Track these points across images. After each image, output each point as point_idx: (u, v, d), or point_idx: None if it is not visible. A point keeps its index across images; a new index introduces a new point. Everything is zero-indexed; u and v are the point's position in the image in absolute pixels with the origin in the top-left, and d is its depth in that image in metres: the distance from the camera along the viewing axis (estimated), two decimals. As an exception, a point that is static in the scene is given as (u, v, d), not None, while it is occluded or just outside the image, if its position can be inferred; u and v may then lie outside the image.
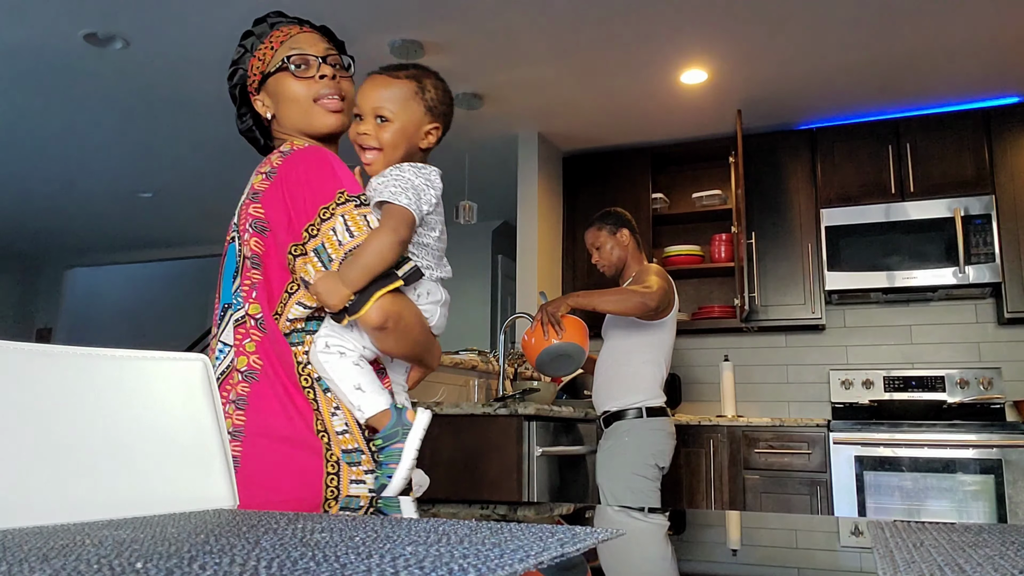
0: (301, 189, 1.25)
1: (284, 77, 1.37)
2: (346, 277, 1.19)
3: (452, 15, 3.28)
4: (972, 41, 3.47)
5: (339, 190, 1.25)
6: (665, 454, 2.80)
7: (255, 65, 1.41)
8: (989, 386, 4.01)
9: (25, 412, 0.91)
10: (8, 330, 7.90)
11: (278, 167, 1.30)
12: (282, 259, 1.26)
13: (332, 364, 1.25)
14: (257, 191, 1.30)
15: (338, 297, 1.19)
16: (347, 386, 1.25)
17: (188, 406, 1.07)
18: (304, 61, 1.37)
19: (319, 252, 1.22)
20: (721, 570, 0.65)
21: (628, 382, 2.82)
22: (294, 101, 1.37)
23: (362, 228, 1.23)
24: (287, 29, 1.42)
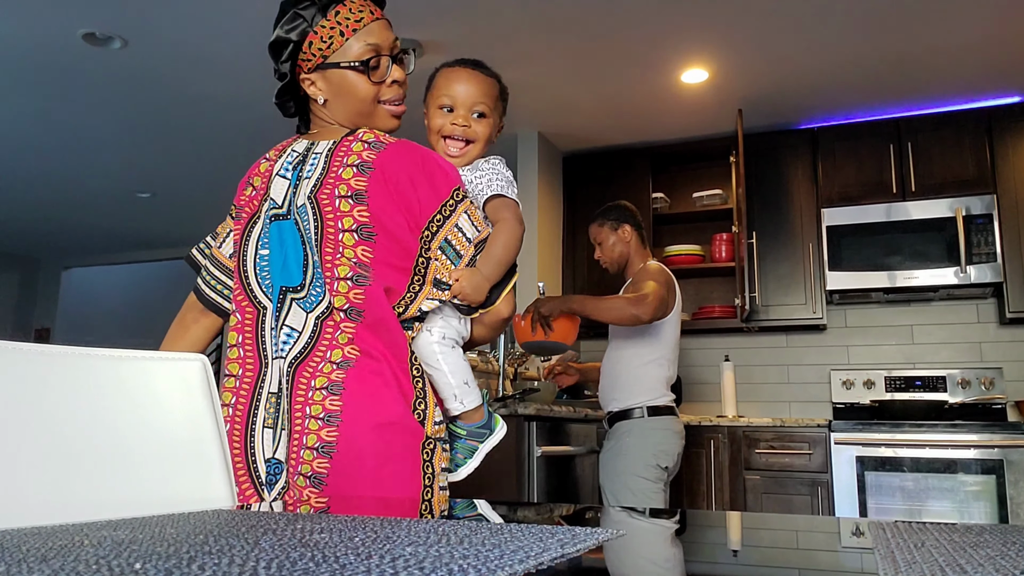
0: (413, 191, 1.24)
1: (357, 75, 1.30)
2: (488, 271, 1.25)
3: (452, 15, 3.28)
4: (973, 41, 3.47)
5: (454, 187, 1.27)
6: (669, 454, 2.76)
7: (315, 44, 1.31)
8: (990, 386, 4.01)
9: (24, 412, 0.90)
10: (6, 330, 7.90)
11: (373, 162, 1.26)
12: (398, 262, 1.24)
13: (447, 356, 1.29)
14: (357, 191, 1.23)
15: (484, 293, 1.25)
16: (458, 379, 1.30)
17: (187, 406, 1.07)
18: (378, 63, 1.31)
19: (444, 249, 1.25)
20: (722, 571, 0.65)
21: (631, 382, 2.80)
22: (360, 100, 1.32)
23: (482, 222, 1.29)
24: (356, 9, 1.30)
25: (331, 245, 1.24)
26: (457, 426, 1.34)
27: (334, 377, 1.23)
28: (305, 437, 1.22)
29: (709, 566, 0.67)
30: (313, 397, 1.23)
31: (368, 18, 1.31)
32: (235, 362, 1.33)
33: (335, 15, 1.30)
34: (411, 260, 1.25)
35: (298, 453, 1.22)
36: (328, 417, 1.21)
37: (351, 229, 1.23)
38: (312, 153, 1.33)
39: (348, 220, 1.23)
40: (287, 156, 1.37)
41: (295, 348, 1.26)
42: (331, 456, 1.20)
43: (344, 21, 1.29)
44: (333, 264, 1.24)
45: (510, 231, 1.30)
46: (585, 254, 4.66)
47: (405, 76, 1.37)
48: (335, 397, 1.22)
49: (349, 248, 1.23)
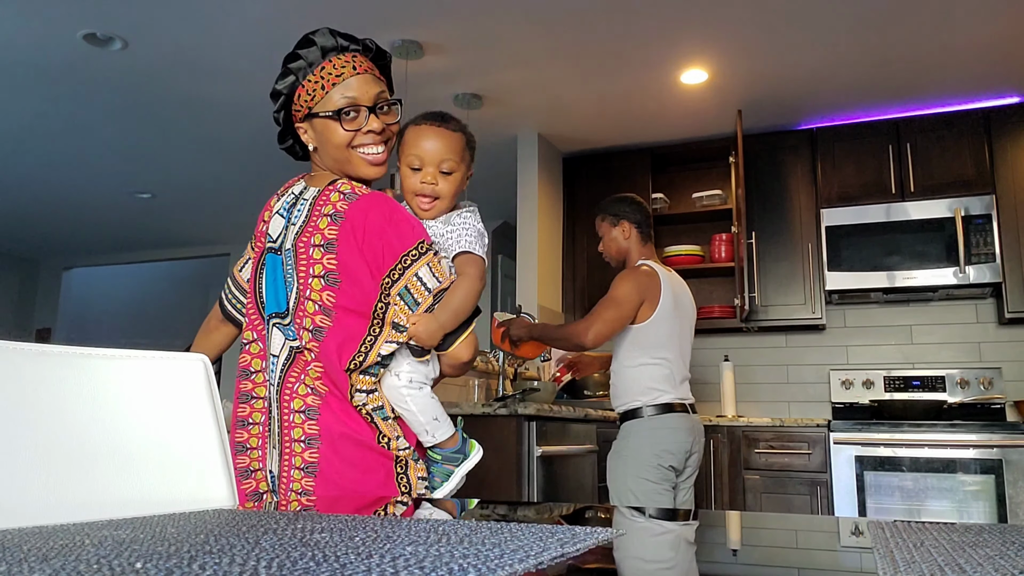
0: (379, 240, 1.34)
1: (332, 123, 1.42)
2: (442, 321, 1.36)
3: (452, 15, 3.28)
4: (972, 41, 3.47)
5: (419, 240, 1.37)
6: (673, 453, 2.71)
7: (302, 96, 1.44)
8: (989, 386, 4.01)
9: (24, 412, 0.91)
10: (7, 330, 7.90)
11: (345, 212, 1.36)
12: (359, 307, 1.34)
13: (415, 397, 1.40)
14: (329, 240, 1.35)
15: (436, 339, 1.36)
16: (427, 417, 1.41)
17: (188, 406, 1.07)
18: (354, 110, 1.41)
19: (403, 296, 1.35)
20: (721, 570, 0.65)
21: (628, 383, 2.80)
22: (335, 147, 1.43)
23: (444, 274, 1.39)
24: (340, 65, 1.42)
25: (304, 290, 1.37)
26: (433, 451, 1.45)
27: (309, 402, 1.37)
28: (293, 458, 1.36)
29: (709, 566, 0.68)
30: (294, 420, 1.37)
31: (349, 73, 1.42)
32: (262, 386, 1.46)
33: (320, 70, 1.42)
34: (371, 305, 1.35)
35: (288, 472, 1.36)
36: (308, 440, 1.36)
37: (319, 275, 1.36)
38: (302, 199, 1.45)
39: (318, 267, 1.36)
40: (286, 196, 1.50)
41: (276, 373, 1.40)
42: (315, 475, 1.34)
43: (327, 76, 1.42)
44: (302, 309, 1.37)
45: (470, 285, 1.41)
46: (585, 254, 4.67)
47: (383, 126, 1.44)
48: (312, 421, 1.36)
49: (316, 292, 1.35)
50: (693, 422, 2.79)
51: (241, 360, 1.49)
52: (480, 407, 2.77)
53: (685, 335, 2.86)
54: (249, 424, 1.44)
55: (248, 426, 1.44)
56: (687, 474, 2.80)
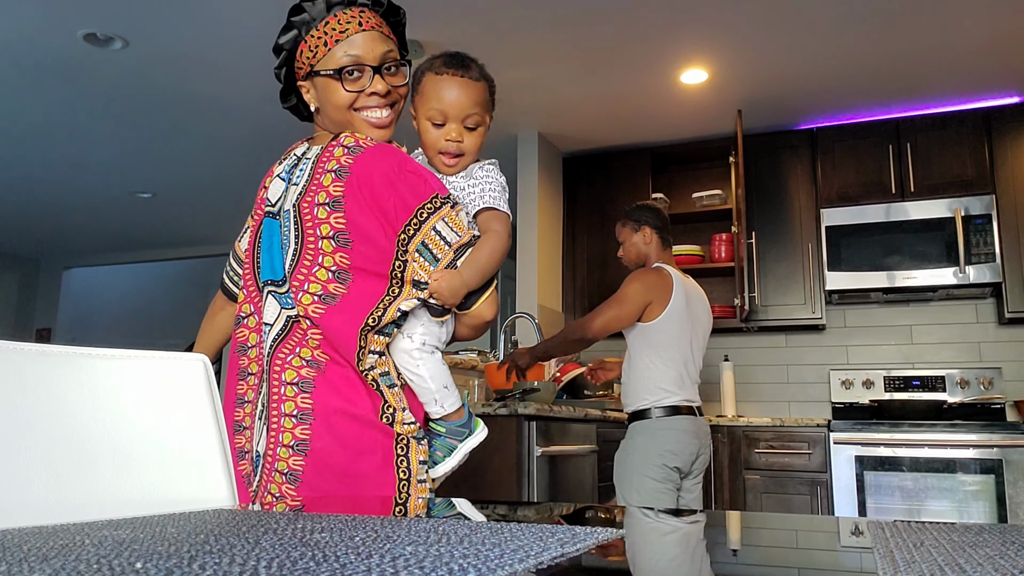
0: (389, 194, 1.25)
1: (334, 83, 1.33)
2: (467, 277, 1.27)
3: (452, 15, 3.28)
4: (972, 41, 3.47)
5: (433, 192, 1.28)
6: (678, 454, 2.73)
7: (304, 52, 1.35)
8: (989, 386, 4.01)
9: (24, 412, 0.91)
10: (7, 330, 7.90)
11: (350, 167, 1.27)
12: (375, 267, 1.25)
13: (426, 362, 1.31)
14: (335, 198, 1.26)
15: (460, 296, 1.27)
16: (437, 384, 1.32)
17: (188, 406, 1.07)
18: (358, 70, 1.32)
19: (421, 252, 1.25)
20: (721, 570, 0.65)
21: (637, 383, 2.81)
22: (336, 107, 1.35)
23: (463, 228, 1.29)
24: (344, 20, 1.33)
25: (311, 254, 1.27)
26: (437, 424, 1.37)
27: (304, 374, 1.27)
28: (281, 435, 1.26)
29: (708, 565, 0.68)
30: (285, 393, 1.26)
31: (354, 29, 1.32)
32: (254, 361, 1.37)
33: (324, 25, 1.33)
34: (388, 264, 1.26)
35: (274, 451, 1.26)
36: (300, 415, 1.25)
37: (328, 236, 1.26)
38: (304, 158, 1.37)
39: (325, 227, 1.26)
40: (288, 160, 1.42)
41: (268, 342, 1.30)
42: (305, 454, 1.24)
43: (330, 32, 1.32)
44: (309, 273, 1.27)
45: (497, 241, 1.32)
46: (585, 254, 4.67)
47: (389, 88, 1.35)
48: (306, 395, 1.25)
49: (328, 255, 1.26)
50: (699, 425, 2.81)
51: (238, 335, 1.39)
52: (480, 407, 2.77)
53: (697, 339, 2.88)
54: (244, 402, 1.36)
55: (243, 404, 1.36)
56: (694, 476, 2.82)
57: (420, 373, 1.31)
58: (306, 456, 1.24)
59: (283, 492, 1.24)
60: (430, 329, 1.33)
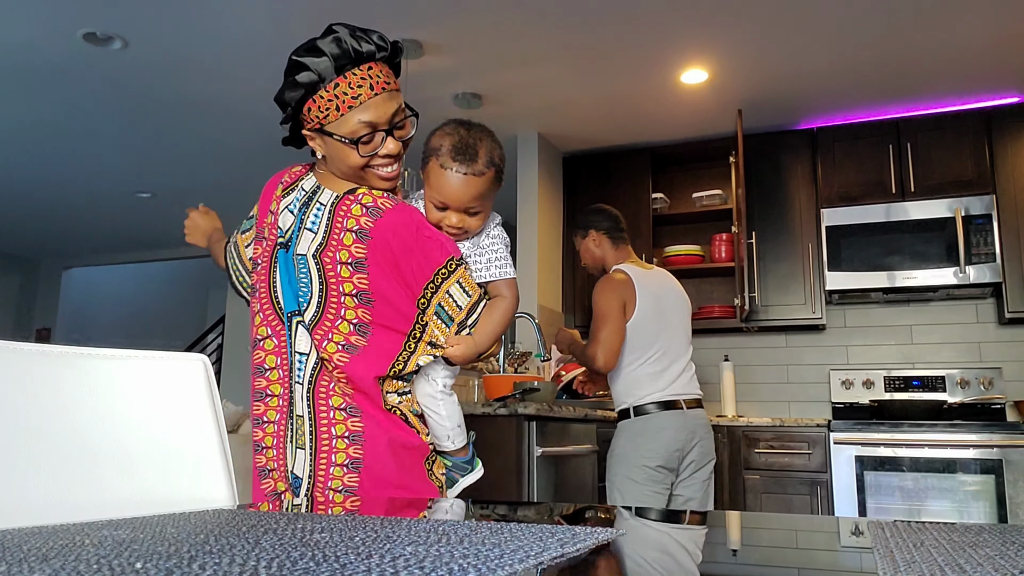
0: (408, 261, 1.34)
1: (347, 148, 1.35)
2: (480, 343, 1.41)
3: (452, 15, 3.28)
4: (972, 41, 3.47)
5: (448, 256, 1.39)
6: (658, 452, 2.68)
7: (313, 111, 1.34)
8: (990, 386, 4.01)
9: (24, 412, 0.91)
10: (7, 330, 7.90)
11: (371, 231, 1.34)
12: (395, 325, 1.36)
13: (446, 403, 1.46)
14: (358, 260, 1.33)
15: (471, 359, 1.43)
16: (452, 423, 1.46)
17: (188, 406, 1.07)
18: (371, 136, 1.35)
19: (439, 314, 1.38)
20: (721, 570, 0.65)
21: (619, 385, 2.81)
22: (349, 168, 1.38)
23: (475, 288, 1.42)
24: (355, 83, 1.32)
25: (333, 307, 1.36)
26: (445, 457, 1.50)
27: (348, 400, 1.37)
28: (334, 455, 1.35)
29: (709, 566, 0.68)
30: (335, 417, 1.36)
31: (367, 95, 1.33)
32: (277, 383, 1.42)
33: (334, 87, 1.32)
34: (408, 325, 1.37)
35: (327, 470, 1.35)
36: (352, 437, 1.36)
37: (351, 294, 1.35)
38: (317, 202, 1.40)
39: (348, 286, 1.35)
40: (296, 193, 1.44)
41: (307, 371, 1.38)
42: (359, 471, 1.35)
43: (342, 96, 1.32)
44: (332, 326, 1.36)
45: (507, 309, 1.46)
46: (585, 254, 4.67)
47: (399, 148, 1.41)
48: (356, 419, 1.36)
49: (351, 310, 1.35)
50: (687, 419, 2.73)
51: (255, 357, 1.44)
52: (480, 407, 2.77)
53: (676, 330, 2.83)
54: (264, 423, 1.42)
55: (263, 424, 1.41)
56: (688, 472, 2.77)
57: (440, 412, 1.45)
58: (360, 472, 1.35)
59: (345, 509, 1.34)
60: (449, 371, 1.46)
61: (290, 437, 1.39)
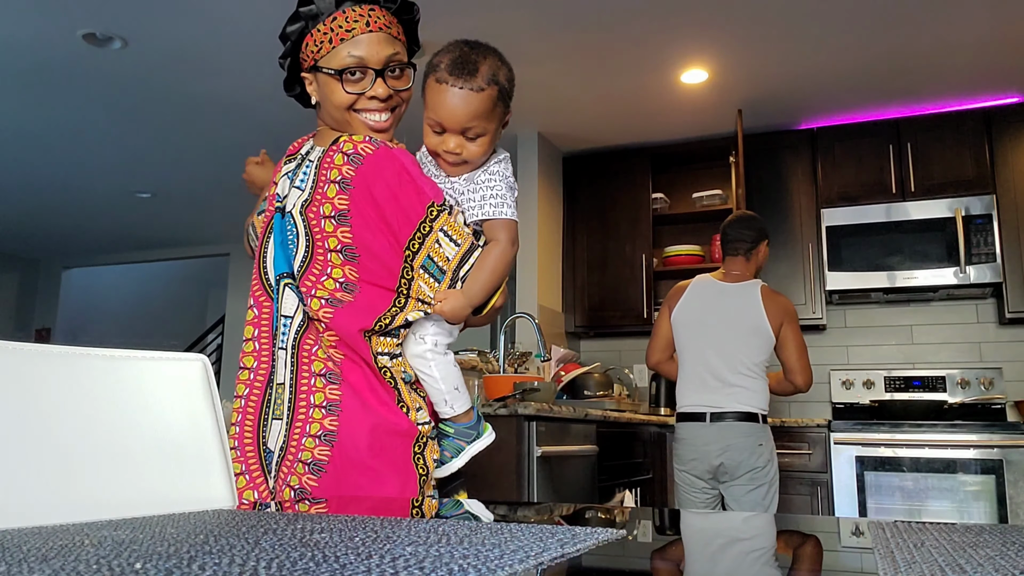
0: (391, 207, 1.26)
1: (334, 82, 1.32)
2: (471, 296, 1.29)
3: (452, 15, 3.28)
4: (972, 41, 3.47)
5: (428, 203, 1.28)
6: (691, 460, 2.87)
7: (309, 45, 1.33)
8: (990, 386, 4.01)
9: (24, 412, 0.91)
10: (6, 330, 7.90)
11: (352, 179, 1.27)
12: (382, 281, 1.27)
13: (439, 362, 1.33)
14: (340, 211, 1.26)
15: (464, 314, 1.30)
16: (448, 385, 1.34)
17: (187, 406, 1.07)
18: (360, 71, 1.31)
19: (427, 267, 1.27)
20: (721, 570, 0.65)
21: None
22: (334, 107, 1.34)
23: (463, 235, 1.30)
24: (352, 18, 1.30)
25: (319, 264, 1.29)
26: (446, 425, 1.38)
27: (331, 366, 1.28)
28: (308, 425, 1.27)
29: (708, 566, 0.68)
30: (315, 384, 1.28)
31: (361, 29, 1.30)
32: (251, 355, 1.36)
33: (331, 21, 1.31)
34: (394, 280, 1.28)
35: (299, 440, 1.27)
36: (330, 406, 1.27)
37: (336, 249, 1.27)
38: (307, 160, 1.37)
39: (333, 240, 1.27)
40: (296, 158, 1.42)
41: (291, 334, 1.31)
42: (332, 444, 1.25)
43: (336, 29, 1.30)
44: (317, 280, 1.28)
45: (500, 253, 1.32)
46: (585, 255, 4.67)
47: (390, 93, 1.34)
48: (334, 386, 1.27)
49: (337, 267, 1.28)
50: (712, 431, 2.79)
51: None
52: (480, 407, 2.77)
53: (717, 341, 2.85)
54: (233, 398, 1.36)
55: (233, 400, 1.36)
56: (727, 479, 2.82)
57: (432, 374, 1.33)
58: (332, 447, 1.25)
59: (304, 484, 1.25)
60: (441, 327, 1.34)
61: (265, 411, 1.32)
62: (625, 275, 4.54)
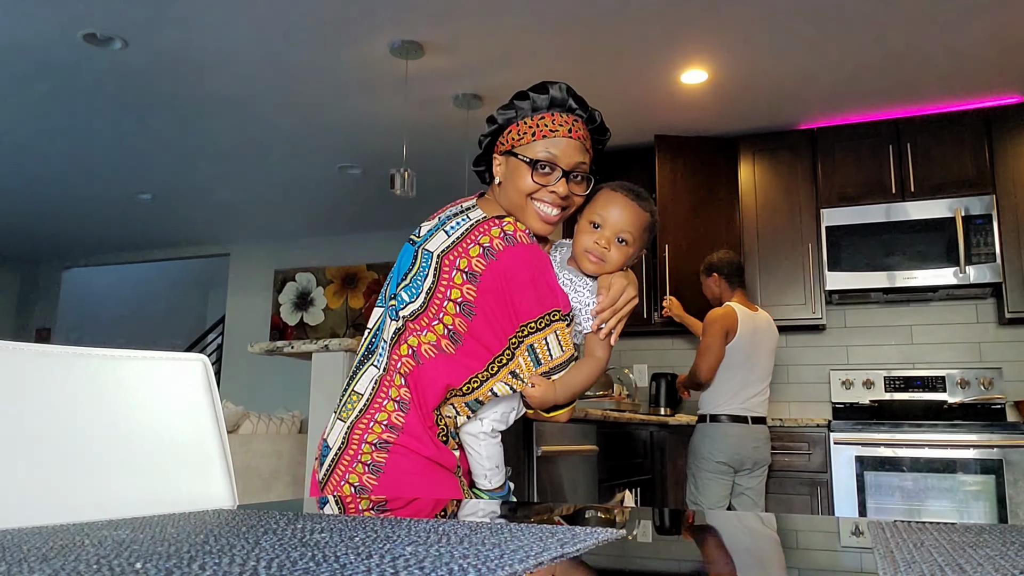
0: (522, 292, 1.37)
1: (525, 168, 1.44)
2: (559, 394, 1.41)
3: (452, 15, 3.28)
4: (972, 41, 3.47)
5: (555, 307, 1.40)
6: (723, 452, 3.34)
7: (512, 133, 1.47)
8: (990, 386, 4.01)
9: (24, 412, 0.91)
10: (6, 330, 7.91)
11: (499, 254, 1.38)
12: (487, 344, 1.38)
13: (488, 444, 1.45)
14: (474, 273, 1.37)
15: (547, 405, 1.42)
16: (491, 464, 1.45)
17: (188, 406, 1.07)
18: (550, 167, 1.44)
19: (530, 351, 1.39)
20: (721, 570, 0.65)
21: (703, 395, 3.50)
22: (518, 191, 1.45)
23: (569, 345, 1.42)
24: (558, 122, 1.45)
25: (435, 308, 1.39)
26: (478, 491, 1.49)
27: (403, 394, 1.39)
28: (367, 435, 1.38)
29: (708, 566, 0.68)
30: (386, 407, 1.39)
31: (563, 133, 1.45)
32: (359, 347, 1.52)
33: (539, 119, 1.46)
34: (499, 348, 1.39)
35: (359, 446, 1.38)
36: (381, 444, 1.37)
37: (456, 300, 1.38)
38: (465, 214, 1.47)
39: (456, 292, 1.38)
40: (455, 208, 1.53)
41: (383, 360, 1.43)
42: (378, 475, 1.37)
43: (542, 126, 1.45)
44: (429, 324, 1.38)
45: (593, 369, 1.46)
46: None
47: (568, 192, 1.46)
48: (392, 433, 1.37)
49: (450, 316, 1.38)
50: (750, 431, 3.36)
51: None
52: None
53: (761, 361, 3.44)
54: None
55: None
56: (747, 471, 3.38)
57: (480, 452, 1.44)
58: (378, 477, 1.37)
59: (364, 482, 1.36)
60: (501, 416, 1.45)
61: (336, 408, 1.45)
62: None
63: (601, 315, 1.44)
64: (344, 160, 5.04)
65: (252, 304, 7.36)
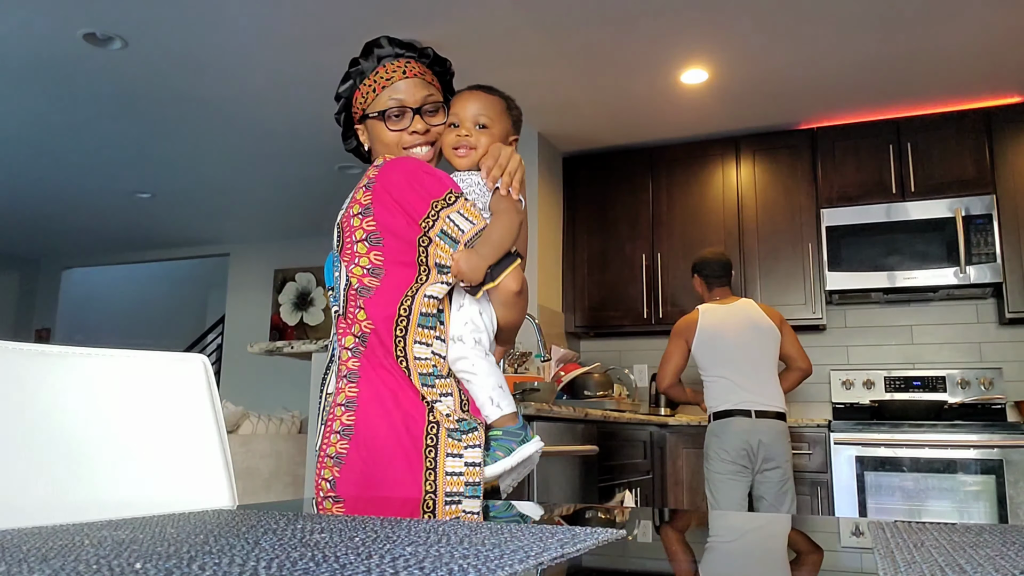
0: (408, 191, 1.39)
1: (380, 124, 1.50)
2: (483, 253, 1.36)
3: (452, 15, 3.28)
4: (972, 41, 3.47)
5: (447, 189, 1.41)
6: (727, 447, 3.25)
7: (358, 99, 1.54)
8: (990, 386, 4.01)
9: (25, 412, 0.91)
10: (6, 330, 7.90)
11: (375, 177, 1.44)
12: (405, 257, 1.38)
13: (480, 362, 1.40)
14: (365, 206, 1.41)
15: (480, 271, 1.37)
16: (492, 382, 1.40)
17: (188, 406, 1.07)
18: (400, 112, 1.49)
19: (442, 236, 1.37)
20: (721, 570, 0.65)
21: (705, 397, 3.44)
22: (385, 145, 1.51)
23: (478, 216, 1.40)
24: (391, 69, 1.51)
25: (347, 256, 1.43)
26: (495, 430, 1.43)
27: (351, 366, 1.39)
28: (333, 423, 1.38)
29: (708, 566, 0.67)
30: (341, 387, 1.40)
31: (398, 76, 1.51)
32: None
33: (374, 75, 1.52)
34: (414, 253, 1.38)
35: (328, 438, 1.39)
36: (348, 403, 1.37)
37: (362, 240, 1.41)
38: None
39: (359, 232, 1.42)
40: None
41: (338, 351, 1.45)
42: (350, 438, 1.35)
43: (378, 79, 1.52)
44: (349, 272, 1.42)
45: (506, 219, 1.43)
46: (585, 255, 4.67)
47: (427, 127, 1.51)
48: (352, 384, 1.38)
49: (363, 256, 1.40)
50: (753, 424, 3.24)
51: None
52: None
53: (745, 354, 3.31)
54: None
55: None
56: (760, 467, 3.26)
57: (475, 371, 1.39)
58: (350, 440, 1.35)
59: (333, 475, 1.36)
60: (473, 322, 1.41)
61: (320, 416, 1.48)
62: (625, 275, 4.54)
63: (492, 174, 1.45)
64: (344, 160, 5.04)
65: (252, 304, 7.36)
